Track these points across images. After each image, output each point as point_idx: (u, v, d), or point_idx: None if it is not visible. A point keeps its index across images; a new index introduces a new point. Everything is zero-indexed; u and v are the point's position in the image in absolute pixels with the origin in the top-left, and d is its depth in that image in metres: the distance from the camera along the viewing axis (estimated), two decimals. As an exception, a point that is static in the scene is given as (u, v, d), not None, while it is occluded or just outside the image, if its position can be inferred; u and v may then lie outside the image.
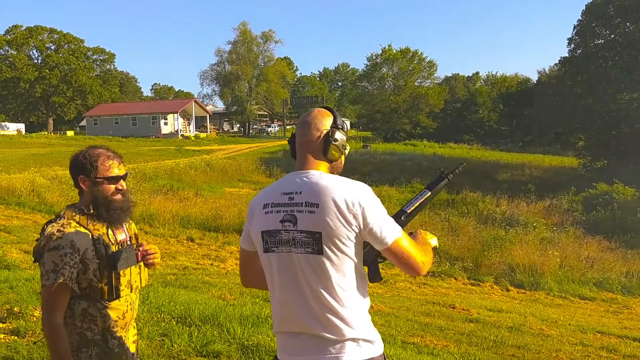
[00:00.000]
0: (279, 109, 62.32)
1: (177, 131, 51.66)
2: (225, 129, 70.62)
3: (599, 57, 35.33)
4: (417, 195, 1.88)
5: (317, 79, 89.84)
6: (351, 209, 1.57)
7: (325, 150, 1.71)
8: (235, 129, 70.26)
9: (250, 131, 63.54)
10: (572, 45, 37.39)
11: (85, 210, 2.06)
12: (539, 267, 10.94)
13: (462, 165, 2.06)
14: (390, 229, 1.60)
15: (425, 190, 1.89)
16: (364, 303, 1.67)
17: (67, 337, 1.95)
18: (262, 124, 70.09)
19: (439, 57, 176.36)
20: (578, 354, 5.52)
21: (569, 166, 37.55)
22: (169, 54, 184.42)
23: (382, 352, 1.67)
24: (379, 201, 1.64)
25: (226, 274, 8.45)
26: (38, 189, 14.95)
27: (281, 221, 1.64)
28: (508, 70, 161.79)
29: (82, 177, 2.06)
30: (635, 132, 30.02)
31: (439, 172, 1.94)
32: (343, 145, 1.74)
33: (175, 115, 52.56)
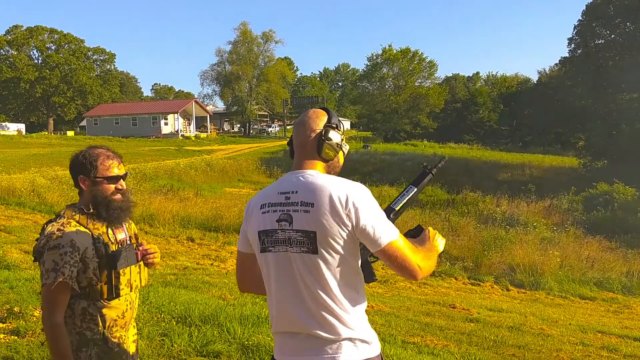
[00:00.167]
0: (280, 109, 62.31)
1: (177, 131, 51.67)
2: (226, 129, 70.63)
3: (599, 57, 35.32)
4: (404, 192, 1.88)
5: (318, 79, 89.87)
6: (345, 209, 1.56)
7: (319, 149, 1.70)
8: (236, 129, 70.25)
9: (251, 131, 63.54)
10: (573, 45, 37.40)
11: (85, 209, 2.06)
12: (539, 266, 10.95)
13: (444, 159, 2.10)
14: (384, 231, 1.58)
15: (411, 186, 1.90)
16: (361, 303, 1.66)
17: (67, 336, 1.94)
18: (262, 124, 70.07)
19: (439, 57, 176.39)
20: (579, 354, 5.52)
21: (569, 166, 37.51)
22: (169, 54, 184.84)
23: (379, 353, 1.66)
24: (375, 202, 1.62)
25: (226, 274, 8.45)
26: (38, 189, 14.97)
27: (277, 220, 1.64)
28: (508, 70, 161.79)
29: (82, 176, 2.06)
30: (636, 132, 29.98)
31: (423, 168, 1.96)
32: (338, 144, 1.73)
33: (176, 115, 52.57)
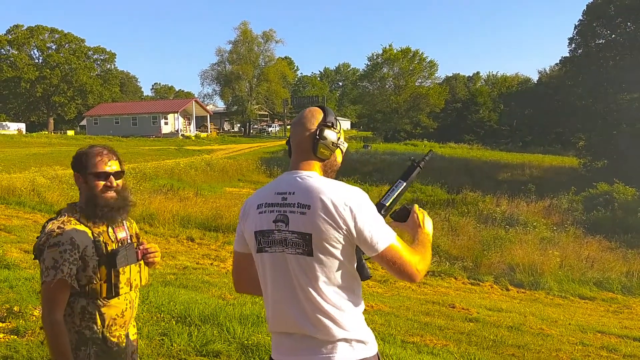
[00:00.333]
0: (280, 108, 62.31)
1: (177, 131, 51.66)
2: (226, 129, 70.61)
3: (600, 57, 35.32)
4: (393, 187, 1.89)
5: (318, 78, 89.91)
6: (341, 213, 1.55)
7: (314, 149, 1.69)
8: (236, 129, 70.23)
9: (251, 131, 63.53)
10: (573, 45, 37.42)
11: (83, 207, 2.07)
12: (538, 266, 10.95)
13: (431, 152, 2.12)
14: (382, 235, 1.57)
15: (400, 181, 1.91)
16: (357, 304, 1.65)
17: (67, 334, 1.95)
18: (262, 123, 70.06)
19: (439, 57, 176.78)
20: (578, 354, 5.52)
21: (569, 166, 37.51)
22: (169, 53, 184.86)
23: (376, 353, 1.65)
24: (372, 206, 1.62)
25: (226, 273, 8.44)
26: (38, 189, 14.97)
27: (274, 221, 1.63)
28: (509, 70, 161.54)
29: (77, 174, 2.09)
30: (636, 132, 29.98)
31: (410, 162, 1.97)
32: (333, 143, 1.70)
33: (176, 115, 52.56)
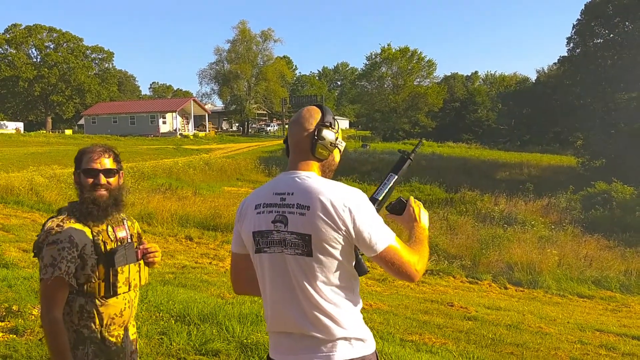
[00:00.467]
0: (278, 108, 62.24)
1: (175, 130, 51.59)
2: (224, 128, 70.53)
3: (598, 56, 35.37)
4: (385, 181, 1.89)
5: (316, 78, 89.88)
6: (340, 214, 1.56)
7: (313, 149, 1.68)
8: (234, 128, 70.16)
9: (249, 130, 63.50)
10: (571, 45, 37.48)
11: (79, 205, 2.08)
12: (537, 265, 10.97)
13: (421, 142, 2.14)
14: (380, 236, 1.58)
15: (392, 174, 1.90)
16: (356, 303, 1.66)
17: (66, 332, 1.95)
18: (261, 123, 69.98)
19: (438, 56, 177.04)
20: (577, 352, 5.54)
21: (568, 165, 37.54)
22: (167, 52, 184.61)
23: (374, 350, 1.66)
24: (371, 207, 1.62)
25: (225, 272, 8.44)
26: (36, 188, 14.95)
27: (273, 222, 1.63)
28: (507, 69, 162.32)
29: (74, 172, 2.11)
30: (634, 131, 30.03)
31: (401, 154, 1.96)
32: (332, 143, 1.70)
33: (174, 114, 52.49)
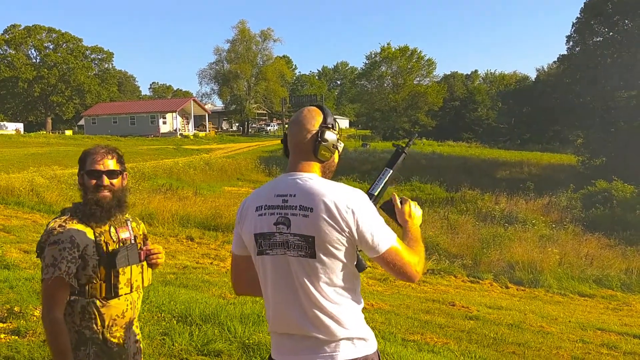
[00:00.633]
0: (278, 107, 62.23)
1: (175, 130, 51.60)
2: (224, 128, 70.52)
3: (598, 54, 35.30)
4: (381, 176, 1.89)
5: (316, 77, 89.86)
6: (344, 216, 1.56)
7: (315, 150, 1.69)
8: (234, 128, 70.17)
9: (249, 130, 63.51)
10: (571, 43, 37.40)
11: (82, 206, 2.08)
12: (538, 264, 10.96)
13: (415, 135, 2.16)
14: (382, 237, 1.59)
15: (387, 169, 1.91)
16: (358, 303, 1.67)
17: (67, 332, 1.95)
18: (261, 122, 70.00)
19: (437, 55, 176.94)
20: (578, 351, 5.54)
21: (568, 164, 37.51)
22: (167, 52, 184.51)
23: (376, 349, 1.68)
24: (373, 208, 1.63)
25: (226, 272, 8.43)
26: (37, 189, 14.95)
27: (275, 223, 1.63)
28: (507, 68, 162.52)
29: (78, 173, 2.11)
30: (634, 130, 30.03)
31: (395, 148, 1.96)
32: (334, 145, 1.71)
33: (174, 114, 52.49)
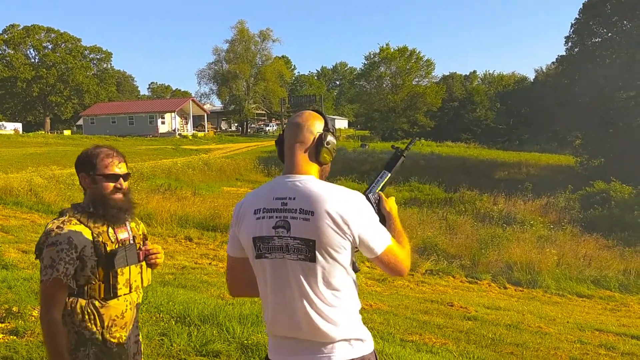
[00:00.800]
0: (277, 107, 62.28)
1: (174, 130, 51.56)
2: (223, 128, 70.47)
3: (596, 55, 35.35)
4: (378, 178, 1.90)
5: (315, 77, 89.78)
6: (344, 218, 1.57)
7: (318, 153, 1.71)
8: (233, 128, 70.13)
9: (248, 130, 63.49)
10: (570, 44, 37.45)
11: (87, 208, 2.08)
12: (536, 265, 10.98)
13: (415, 138, 2.18)
14: (380, 239, 1.63)
15: (385, 171, 1.92)
16: (355, 306, 1.69)
17: (65, 334, 1.95)
18: (260, 122, 69.97)
19: (436, 56, 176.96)
20: (576, 352, 5.55)
21: (566, 164, 37.57)
22: (166, 52, 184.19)
23: (372, 350, 1.69)
24: (371, 209, 1.66)
25: (224, 273, 8.44)
26: (35, 189, 14.93)
27: (274, 227, 1.63)
28: (505, 68, 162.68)
29: (83, 174, 2.08)
30: (633, 130, 30.07)
31: (394, 151, 1.97)
32: (334, 148, 1.76)
33: (173, 114, 52.44)
